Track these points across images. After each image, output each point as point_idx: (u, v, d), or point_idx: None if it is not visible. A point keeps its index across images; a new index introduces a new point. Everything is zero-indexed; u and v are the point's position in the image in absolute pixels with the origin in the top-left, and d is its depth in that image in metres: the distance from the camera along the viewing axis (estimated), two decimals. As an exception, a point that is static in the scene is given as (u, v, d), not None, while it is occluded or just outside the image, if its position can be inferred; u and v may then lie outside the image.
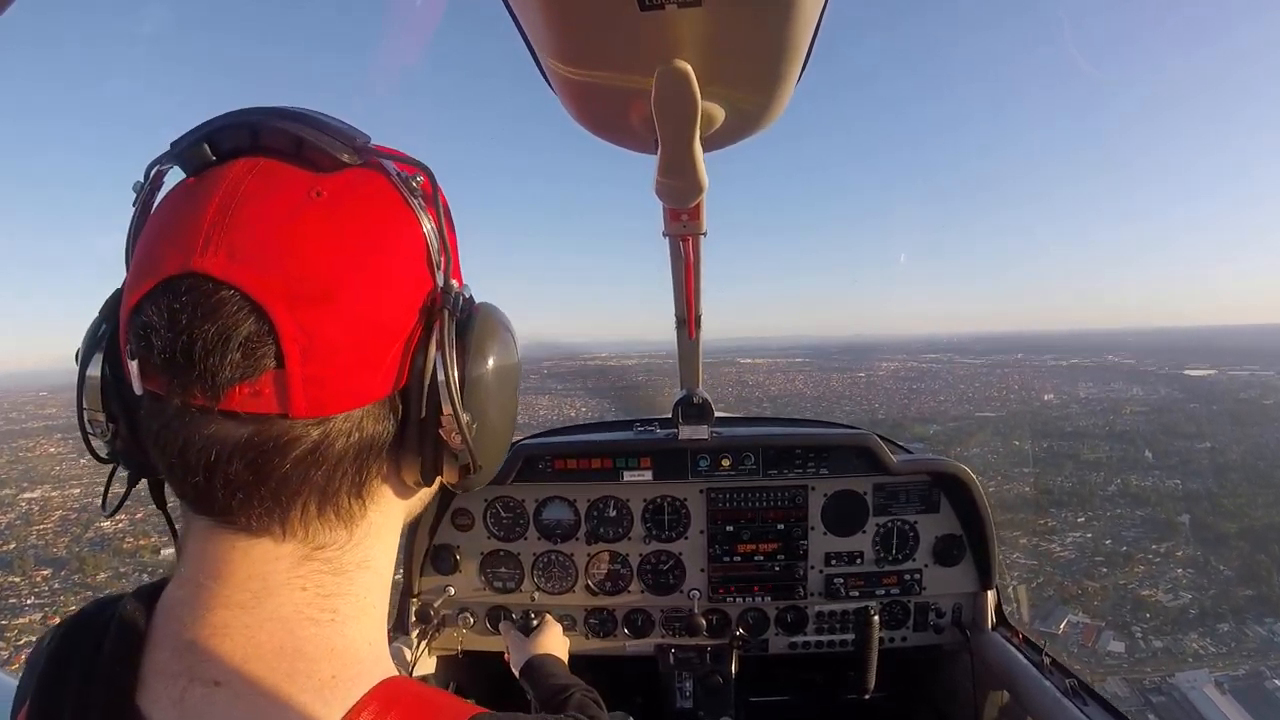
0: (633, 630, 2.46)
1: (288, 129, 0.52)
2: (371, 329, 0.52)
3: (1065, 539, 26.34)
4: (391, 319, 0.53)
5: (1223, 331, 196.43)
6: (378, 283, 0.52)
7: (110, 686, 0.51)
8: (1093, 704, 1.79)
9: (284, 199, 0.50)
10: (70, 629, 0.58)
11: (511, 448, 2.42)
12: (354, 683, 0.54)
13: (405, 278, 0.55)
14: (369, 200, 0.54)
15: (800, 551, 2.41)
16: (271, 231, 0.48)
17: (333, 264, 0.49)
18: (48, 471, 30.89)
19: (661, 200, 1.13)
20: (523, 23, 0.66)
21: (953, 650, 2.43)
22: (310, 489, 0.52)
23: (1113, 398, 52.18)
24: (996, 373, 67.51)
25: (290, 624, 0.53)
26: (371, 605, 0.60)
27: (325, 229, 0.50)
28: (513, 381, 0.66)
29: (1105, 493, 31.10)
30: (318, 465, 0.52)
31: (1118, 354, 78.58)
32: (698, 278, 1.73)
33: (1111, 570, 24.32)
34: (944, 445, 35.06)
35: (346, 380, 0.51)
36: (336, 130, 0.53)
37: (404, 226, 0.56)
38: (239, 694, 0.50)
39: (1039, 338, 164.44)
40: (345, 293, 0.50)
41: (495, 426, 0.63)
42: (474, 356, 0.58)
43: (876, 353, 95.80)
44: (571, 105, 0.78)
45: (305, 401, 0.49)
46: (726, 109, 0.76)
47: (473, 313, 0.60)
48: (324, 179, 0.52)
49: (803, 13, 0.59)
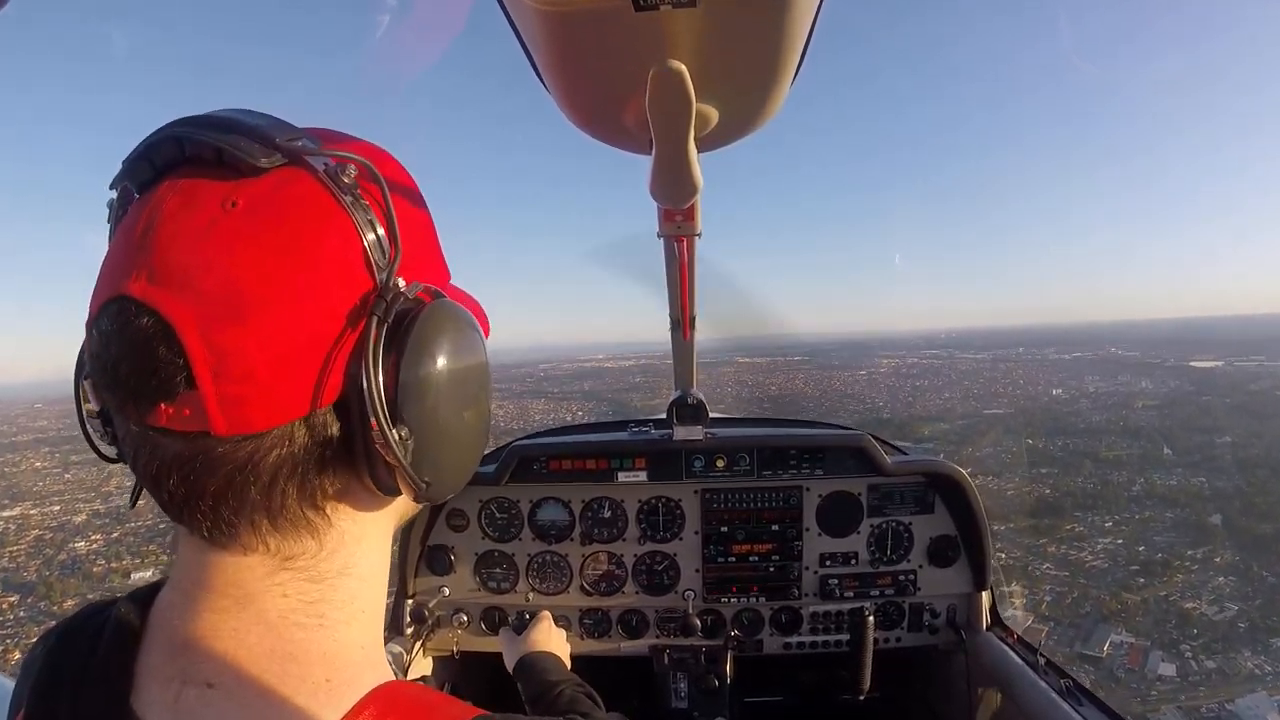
0: (627, 631, 2.41)
1: (207, 138, 0.49)
2: (292, 343, 0.48)
3: (1095, 546, 24.68)
4: (315, 330, 0.49)
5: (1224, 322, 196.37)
6: (297, 294, 0.48)
7: (105, 689, 0.50)
8: (1088, 704, 1.77)
9: (200, 215, 0.48)
10: (65, 633, 0.57)
11: (505, 449, 2.45)
12: (349, 686, 0.53)
13: (330, 284, 0.50)
14: (288, 204, 0.50)
15: (795, 552, 2.38)
16: (186, 250, 0.47)
17: (247, 279, 0.47)
18: (30, 488, 30.60)
19: (656, 201, 1.13)
20: (517, 22, 0.65)
21: (947, 651, 2.37)
22: (250, 504, 0.50)
23: (1122, 391, 50.91)
24: (1000, 368, 66.53)
25: (277, 628, 0.52)
26: (361, 610, 0.58)
27: (238, 243, 0.47)
28: (468, 385, 0.58)
29: (1130, 493, 29.52)
30: (251, 481, 0.49)
31: (1120, 346, 77.50)
32: (692, 278, 1.74)
33: (1149, 580, 22.61)
34: (955, 445, 33.45)
35: (268, 397, 0.48)
36: (257, 132, 0.50)
37: (330, 227, 0.51)
38: (232, 696, 0.49)
39: (1039, 331, 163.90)
40: (261, 308, 0.47)
41: (443, 437, 0.56)
42: (410, 362, 0.52)
43: (876, 350, 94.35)
44: (565, 105, 0.77)
45: (225, 420, 0.47)
46: (721, 110, 0.75)
47: (418, 312, 0.54)
48: (243, 186, 0.49)
49: (798, 14, 0.59)
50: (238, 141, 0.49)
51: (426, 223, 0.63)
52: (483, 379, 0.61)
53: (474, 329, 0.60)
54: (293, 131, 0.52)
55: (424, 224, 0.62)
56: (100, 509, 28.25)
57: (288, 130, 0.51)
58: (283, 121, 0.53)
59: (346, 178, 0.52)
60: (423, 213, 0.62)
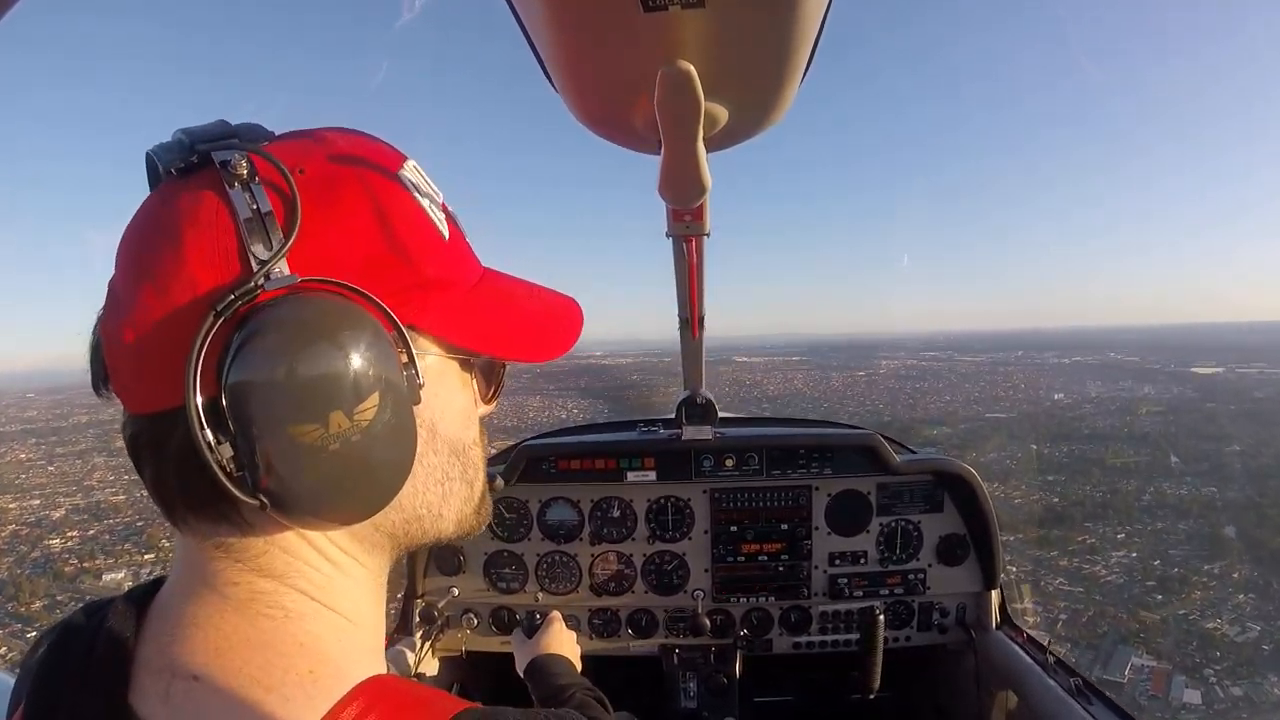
0: (637, 631, 2.40)
1: (153, 153, 0.52)
2: (153, 335, 0.49)
3: (1109, 559, 23.51)
4: (174, 324, 0.48)
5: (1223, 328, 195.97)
6: (158, 287, 0.49)
7: (103, 684, 0.50)
8: (1098, 703, 1.74)
9: (132, 222, 0.54)
10: (64, 630, 0.56)
11: (515, 449, 2.41)
12: (336, 679, 0.51)
13: (192, 278, 0.49)
14: (171, 202, 0.51)
15: (804, 551, 2.36)
16: (120, 255, 0.53)
17: (126, 274, 0.51)
18: (13, 480, 30.10)
19: (665, 201, 1.12)
20: (525, 22, 0.65)
21: (957, 650, 2.36)
22: (165, 486, 0.52)
23: (1124, 397, 50.10)
24: (1000, 370, 65.90)
25: (247, 616, 0.52)
26: (331, 604, 0.56)
27: (128, 241, 0.52)
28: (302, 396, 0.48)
29: (1141, 503, 28.41)
30: (158, 461, 0.51)
31: (1120, 351, 76.84)
32: (701, 278, 1.73)
33: (1166, 597, 21.44)
34: (958, 450, 32.42)
35: (147, 385, 0.50)
36: (179, 142, 0.52)
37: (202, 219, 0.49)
38: (217, 688, 0.49)
39: (1037, 335, 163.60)
40: (130, 300, 0.50)
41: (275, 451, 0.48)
42: (241, 363, 0.46)
43: (875, 351, 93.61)
44: (574, 105, 0.77)
45: (127, 398, 0.52)
46: (730, 110, 0.75)
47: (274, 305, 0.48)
48: (160, 192, 0.53)
49: (806, 14, 0.59)
50: (160, 153, 0.51)
51: (402, 213, 0.56)
52: (333, 393, 0.48)
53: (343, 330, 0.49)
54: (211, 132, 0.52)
55: (394, 214, 0.55)
56: (80, 503, 27.62)
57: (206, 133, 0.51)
58: (230, 125, 0.53)
59: (239, 170, 0.49)
60: (397, 204, 0.55)
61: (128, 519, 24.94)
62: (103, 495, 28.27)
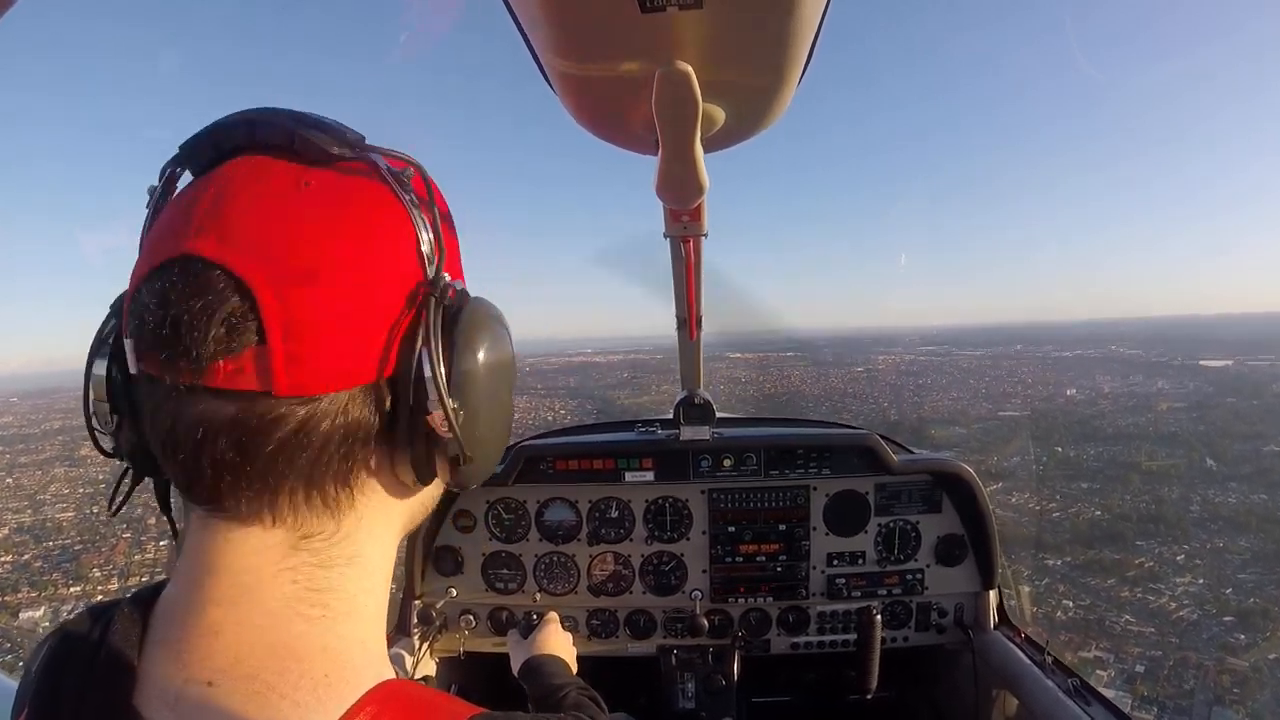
0: (635, 631, 2.38)
1: (282, 124, 0.52)
2: (355, 313, 0.50)
3: (1174, 587, 19.97)
4: (376, 305, 0.52)
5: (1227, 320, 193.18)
6: (362, 268, 0.51)
7: (108, 688, 0.50)
8: (1095, 704, 1.73)
9: (274, 188, 0.50)
10: (67, 634, 0.56)
11: (511, 449, 2.35)
12: (349, 684, 0.52)
13: (392, 266, 0.54)
14: (357, 190, 0.54)
15: (802, 552, 2.33)
16: (260, 217, 0.49)
17: (318, 248, 0.49)
18: None
19: (663, 201, 1.11)
20: (523, 23, 0.65)
21: (955, 650, 2.33)
22: (295, 472, 0.51)
23: (1139, 392, 46.85)
24: (1002, 365, 62.65)
25: (281, 619, 0.52)
26: (364, 605, 0.58)
27: (312, 215, 0.50)
28: (504, 376, 0.63)
29: (1190, 515, 24.90)
30: (303, 447, 0.50)
31: (1122, 345, 73.75)
32: (699, 278, 1.71)
33: (1250, 636, 17.86)
34: (978, 453, 28.88)
35: (329, 361, 0.49)
36: (328, 126, 0.53)
37: (392, 218, 0.55)
38: (232, 693, 0.49)
39: (1034, 328, 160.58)
40: (329, 275, 0.49)
41: (486, 420, 0.60)
42: (462, 348, 0.56)
43: (871, 346, 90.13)
44: (572, 105, 0.77)
45: (287, 379, 0.47)
46: (727, 110, 0.75)
47: (463, 305, 0.58)
48: (314, 171, 0.52)
49: (803, 15, 0.59)
50: (311, 131, 0.51)
51: (454, 231, 0.64)
52: (511, 374, 0.64)
53: (506, 328, 0.63)
54: (355, 133, 0.54)
55: (454, 232, 0.63)
56: (27, 521, 24.43)
57: (351, 131, 0.54)
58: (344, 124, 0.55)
59: (406, 178, 0.56)
60: (451, 222, 0.63)
61: (67, 540, 22.06)
62: (51, 512, 25.35)
